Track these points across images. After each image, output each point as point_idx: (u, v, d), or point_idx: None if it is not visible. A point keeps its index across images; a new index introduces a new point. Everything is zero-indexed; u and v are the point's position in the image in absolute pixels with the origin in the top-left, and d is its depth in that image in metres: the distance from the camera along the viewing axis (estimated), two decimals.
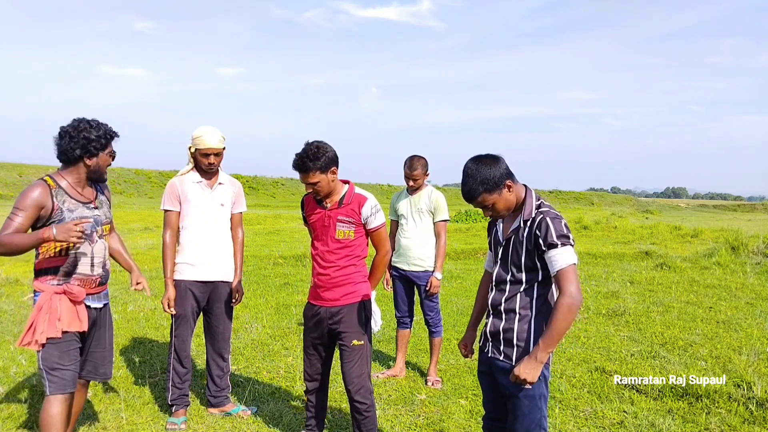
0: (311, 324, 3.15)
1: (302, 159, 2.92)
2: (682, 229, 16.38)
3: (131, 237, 14.71)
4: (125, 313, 6.32)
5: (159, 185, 38.33)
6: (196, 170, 3.64)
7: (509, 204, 2.35)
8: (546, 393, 2.35)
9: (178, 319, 3.61)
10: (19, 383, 4.13)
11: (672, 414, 3.71)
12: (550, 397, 4.02)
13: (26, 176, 36.26)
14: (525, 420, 2.31)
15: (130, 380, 4.28)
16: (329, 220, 3.04)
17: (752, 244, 10.49)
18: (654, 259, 10.45)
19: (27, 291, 7.42)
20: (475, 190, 2.30)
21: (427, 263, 4.31)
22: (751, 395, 3.84)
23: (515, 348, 2.32)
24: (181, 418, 3.59)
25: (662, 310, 6.60)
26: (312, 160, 2.90)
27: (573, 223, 18.04)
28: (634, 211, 40.02)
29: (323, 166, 2.93)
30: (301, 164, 2.92)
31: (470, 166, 2.33)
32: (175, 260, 3.60)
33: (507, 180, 2.31)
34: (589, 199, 56.65)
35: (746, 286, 7.97)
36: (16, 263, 9.98)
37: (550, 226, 2.24)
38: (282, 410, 3.82)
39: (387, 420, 3.69)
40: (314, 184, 2.96)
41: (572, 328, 5.85)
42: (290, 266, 9.79)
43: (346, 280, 3.05)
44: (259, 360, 4.85)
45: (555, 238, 2.22)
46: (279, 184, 48.34)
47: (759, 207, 57.35)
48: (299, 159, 2.93)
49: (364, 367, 3.08)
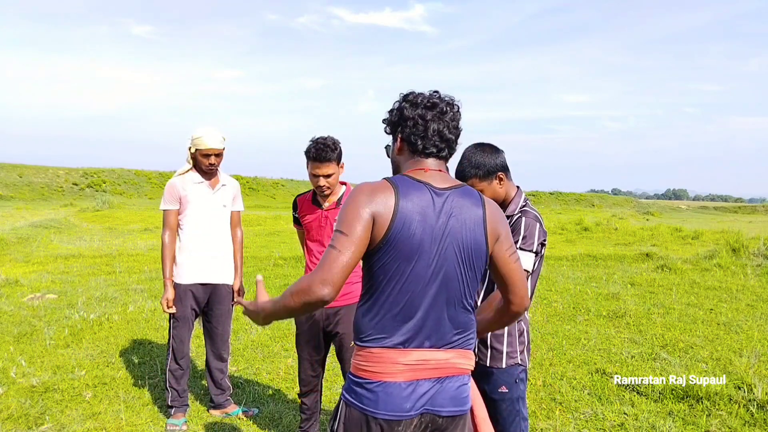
0: (305, 327, 3.13)
1: (323, 148, 2.86)
2: (682, 231, 16.36)
3: (131, 238, 14.71)
4: (125, 314, 6.31)
5: (159, 186, 38.33)
6: (196, 170, 3.63)
7: (496, 196, 2.37)
8: (524, 395, 2.36)
9: (177, 320, 3.60)
10: (19, 383, 4.12)
11: (672, 416, 3.70)
12: (550, 399, 4.03)
13: (26, 177, 36.29)
14: (504, 422, 2.32)
15: (129, 381, 4.28)
16: (326, 221, 3.03)
17: (753, 246, 10.47)
18: (655, 260, 10.44)
19: (27, 292, 7.42)
20: (467, 173, 2.33)
21: None
22: (751, 397, 3.83)
23: (489, 350, 2.32)
24: (181, 419, 3.59)
25: (663, 311, 6.59)
26: (332, 149, 2.87)
27: (573, 225, 18.03)
28: (634, 212, 40.02)
29: (339, 158, 2.93)
30: (323, 153, 2.86)
31: (469, 149, 2.36)
32: (176, 261, 3.60)
33: (500, 172, 2.34)
34: (589, 200, 56.63)
35: (747, 288, 7.96)
36: (16, 264, 9.98)
37: (521, 225, 2.25)
38: (282, 411, 3.82)
39: None
40: (328, 176, 2.92)
41: (573, 329, 5.84)
42: (290, 267, 9.80)
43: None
44: (258, 361, 4.84)
45: (520, 239, 2.23)
46: (279, 185, 48.32)
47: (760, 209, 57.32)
48: (319, 147, 2.86)
49: None
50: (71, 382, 4.19)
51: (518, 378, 2.32)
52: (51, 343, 5.16)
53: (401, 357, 1.60)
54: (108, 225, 18.55)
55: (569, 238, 15.93)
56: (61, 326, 5.64)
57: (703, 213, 51.77)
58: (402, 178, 1.67)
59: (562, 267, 10.29)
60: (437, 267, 1.61)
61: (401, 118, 1.73)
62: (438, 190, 1.65)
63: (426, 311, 1.62)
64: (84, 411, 3.72)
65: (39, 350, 4.95)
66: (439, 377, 1.64)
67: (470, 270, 1.66)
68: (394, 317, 1.61)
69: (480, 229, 1.66)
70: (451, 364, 1.65)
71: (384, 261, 1.60)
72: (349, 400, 1.65)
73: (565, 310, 6.79)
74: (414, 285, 1.60)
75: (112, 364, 4.64)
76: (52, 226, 16.70)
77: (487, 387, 2.34)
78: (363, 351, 1.63)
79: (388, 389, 1.59)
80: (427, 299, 1.61)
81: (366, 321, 1.64)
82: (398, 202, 1.59)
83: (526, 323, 2.39)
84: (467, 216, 1.65)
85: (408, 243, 1.58)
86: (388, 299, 1.61)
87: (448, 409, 1.64)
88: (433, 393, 1.63)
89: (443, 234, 1.62)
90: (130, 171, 41.69)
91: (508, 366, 2.31)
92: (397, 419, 1.59)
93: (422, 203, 1.61)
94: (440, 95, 1.73)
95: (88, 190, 36.42)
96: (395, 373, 1.59)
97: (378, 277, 1.61)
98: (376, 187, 1.63)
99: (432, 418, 1.63)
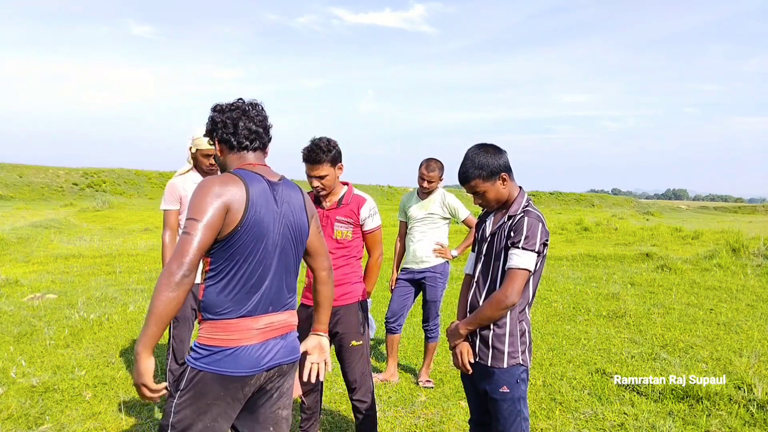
0: (305, 326, 3.14)
1: (314, 150, 2.89)
2: (682, 231, 16.36)
3: (131, 238, 14.71)
4: (125, 314, 6.31)
5: (159, 186, 38.30)
6: (197, 170, 3.63)
7: (499, 196, 2.37)
8: (524, 395, 2.37)
9: (177, 320, 3.60)
10: (19, 383, 4.12)
11: (672, 416, 3.70)
12: (550, 399, 4.03)
13: (26, 177, 36.27)
14: (505, 422, 2.33)
15: (129, 381, 4.27)
16: (327, 220, 3.03)
17: (753, 246, 10.47)
18: (655, 260, 10.44)
19: (27, 292, 7.42)
20: (471, 174, 2.33)
21: (431, 262, 4.32)
22: (751, 397, 3.83)
23: (490, 349, 2.33)
24: None
25: (663, 311, 6.59)
26: (324, 151, 2.88)
27: (573, 225, 18.03)
28: (634, 212, 40.00)
29: (333, 159, 2.92)
30: (314, 155, 2.89)
31: (472, 150, 2.37)
32: None
33: (503, 173, 2.34)
34: (589, 200, 56.60)
35: (747, 287, 7.96)
36: (16, 264, 9.98)
37: (524, 225, 2.26)
38: None
39: (387, 421, 3.68)
40: (322, 178, 2.93)
41: (573, 329, 5.85)
42: None
43: (343, 280, 3.04)
44: None
45: (522, 238, 2.24)
46: None
47: (760, 209, 57.27)
48: (311, 149, 2.89)
49: (365, 366, 3.08)
50: (71, 382, 4.19)
51: (519, 378, 2.32)
52: (51, 343, 5.16)
53: (254, 323, 1.92)
54: (108, 225, 18.55)
55: (569, 238, 15.94)
56: (61, 326, 5.64)
57: (703, 213, 51.75)
58: (241, 171, 1.97)
59: (562, 267, 10.29)
60: (278, 244, 1.98)
61: (213, 124, 2.04)
62: (271, 182, 2.00)
63: (271, 281, 1.96)
64: (84, 411, 3.72)
65: (39, 350, 4.95)
66: (282, 335, 2.01)
67: (300, 244, 2.09)
68: (248, 290, 1.91)
69: (303, 213, 2.09)
70: (289, 323, 2.05)
71: (242, 242, 1.88)
72: (202, 366, 1.88)
73: (565, 310, 6.79)
74: (263, 260, 1.93)
75: (112, 364, 4.64)
76: (52, 226, 16.70)
77: (488, 387, 2.34)
78: (218, 323, 1.89)
79: (245, 352, 1.89)
80: (272, 271, 1.96)
81: (223, 297, 1.89)
82: (249, 191, 1.89)
83: (528, 323, 2.39)
84: (295, 202, 2.06)
85: (259, 225, 1.91)
86: (245, 275, 1.90)
87: (289, 358, 2.04)
88: (279, 348, 1.99)
89: (281, 217, 1.99)
90: (130, 171, 41.66)
91: (510, 366, 2.31)
92: (252, 374, 1.91)
93: (264, 192, 1.95)
94: (243, 100, 2.06)
95: (88, 190, 36.39)
96: (251, 338, 1.91)
97: (235, 257, 1.89)
98: (226, 179, 1.89)
99: (279, 369, 2.01)
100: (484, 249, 2.43)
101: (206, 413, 1.89)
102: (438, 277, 4.34)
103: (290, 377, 2.10)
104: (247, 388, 1.92)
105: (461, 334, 2.39)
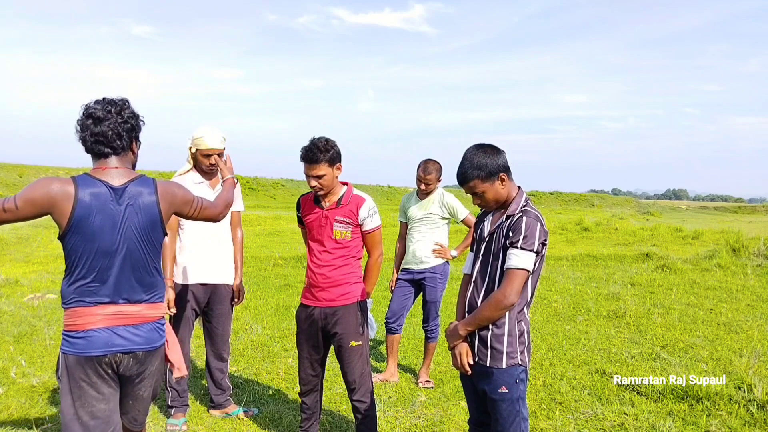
0: (305, 326, 3.13)
1: (312, 149, 2.89)
2: (682, 231, 16.37)
3: None
4: None
5: None
6: (197, 170, 3.63)
7: (498, 196, 2.37)
8: (524, 395, 2.36)
9: (177, 320, 3.60)
10: (19, 383, 4.12)
11: (672, 416, 3.70)
12: (550, 399, 4.03)
13: (26, 177, 36.27)
14: (504, 422, 2.32)
15: None
16: (326, 220, 3.03)
17: (753, 246, 10.47)
18: (655, 260, 10.44)
19: (27, 292, 7.42)
20: (469, 175, 2.33)
21: (431, 262, 4.32)
22: (751, 397, 3.83)
23: (489, 350, 2.33)
24: (181, 419, 3.59)
25: (663, 311, 6.59)
26: (322, 151, 2.89)
27: (573, 225, 18.03)
28: (634, 212, 40.04)
29: (331, 159, 2.92)
30: (311, 155, 2.90)
31: (471, 150, 2.37)
32: (176, 261, 3.60)
33: (502, 173, 2.34)
34: (589, 200, 56.63)
35: (747, 288, 7.96)
36: (16, 264, 9.98)
37: (522, 225, 2.26)
38: (282, 411, 3.82)
39: (387, 422, 3.68)
40: (320, 177, 2.93)
41: (573, 329, 5.85)
42: (290, 267, 9.79)
43: (342, 280, 3.04)
44: (258, 361, 4.84)
45: (520, 238, 2.24)
46: (279, 185, 48.31)
47: (760, 209, 57.31)
48: (308, 149, 2.90)
49: (365, 366, 3.08)
50: None
51: (518, 378, 2.32)
52: (51, 343, 5.16)
53: (100, 311, 2.13)
54: None
55: (569, 238, 15.94)
56: (61, 326, 5.64)
57: (703, 213, 51.77)
58: (83, 176, 2.14)
59: (562, 267, 10.29)
60: (121, 244, 2.13)
61: (76, 128, 2.17)
62: (114, 186, 2.13)
63: (117, 277, 2.14)
64: None
65: (39, 350, 4.95)
66: (134, 324, 2.19)
67: (149, 243, 2.20)
68: (89, 284, 2.12)
69: (154, 210, 2.19)
70: (143, 315, 2.21)
71: (74, 242, 2.09)
72: (66, 350, 2.13)
73: (565, 310, 6.79)
74: (101, 260, 2.11)
75: None
76: (52, 226, 16.69)
77: (487, 387, 2.34)
78: (70, 311, 2.13)
79: (94, 334, 2.11)
80: (116, 268, 2.13)
81: (71, 289, 2.14)
82: (77, 195, 2.06)
83: (527, 324, 2.38)
84: (142, 202, 2.17)
85: (89, 228, 2.07)
86: (83, 271, 2.11)
87: (144, 346, 2.20)
88: (130, 336, 2.17)
89: (123, 219, 2.13)
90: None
91: (509, 366, 2.31)
92: (103, 354, 2.12)
93: (100, 197, 2.09)
94: (104, 103, 2.15)
95: None
96: (96, 322, 2.12)
97: (71, 256, 2.11)
98: (62, 181, 2.09)
99: (134, 355, 2.19)
100: (482, 249, 2.43)
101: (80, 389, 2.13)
102: (438, 277, 4.34)
103: (151, 364, 2.26)
104: (103, 366, 2.13)
105: (460, 335, 2.39)
